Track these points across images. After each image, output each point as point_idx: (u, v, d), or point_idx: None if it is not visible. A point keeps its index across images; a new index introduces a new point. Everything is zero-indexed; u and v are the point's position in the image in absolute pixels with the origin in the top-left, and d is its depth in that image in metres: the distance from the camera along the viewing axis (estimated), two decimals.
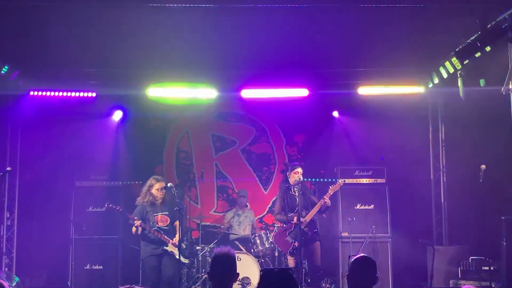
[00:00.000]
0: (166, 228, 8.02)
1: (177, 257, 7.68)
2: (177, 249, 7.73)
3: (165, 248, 7.94)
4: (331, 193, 8.19)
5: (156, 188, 8.01)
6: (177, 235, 7.93)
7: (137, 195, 8.23)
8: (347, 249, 9.17)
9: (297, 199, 8.11)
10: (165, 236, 7.94)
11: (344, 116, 10.37)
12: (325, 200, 8.08)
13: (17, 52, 8.16)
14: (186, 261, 8.31)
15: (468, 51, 6.94)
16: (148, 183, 8.08)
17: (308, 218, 8.07)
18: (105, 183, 9.59)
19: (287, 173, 8.40)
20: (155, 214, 7.97)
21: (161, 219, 8.01)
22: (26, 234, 9.60)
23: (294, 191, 8.24)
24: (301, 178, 8.19)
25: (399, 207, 9.62)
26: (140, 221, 7.81)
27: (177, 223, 8.06)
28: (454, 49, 7.27)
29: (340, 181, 8.49)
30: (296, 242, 8.02)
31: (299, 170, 8.28)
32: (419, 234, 9.29)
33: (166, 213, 8.07)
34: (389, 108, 9.67)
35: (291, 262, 8.23)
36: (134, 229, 7.82)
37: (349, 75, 9.45)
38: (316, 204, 8.15)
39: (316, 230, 8.31)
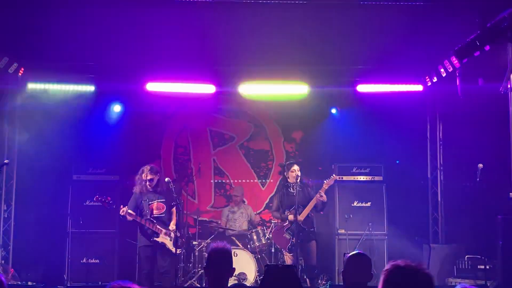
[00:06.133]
0: (162, 215, 7.92)
1: (168, 247, 7.72)
2: (169, 238, 7.75)
3: (155, 239, 7.78)
4: (326, 188, 8.11)
5: (143, 176, 7.94)
6: (173, 221, 7.95)
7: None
8: (344, 246, 9.19)
9: (295, 196, 8.02)
10: (158, 226, 7.79)
11: (342, 113, 10.35)
12: (321, 194, 7.96)
13: (15, 44, 8.14)
14: (173, 249, 7.85)
15: (467, 50, 6.93)
16: (140, 171, 8.05)
17: (302, 216, 7.96)
18: (102, 177, 9.59)
19: (285, 173, 8.34)
20: (150, 202, 7.87)
21: (157, 206, 7.91)
22: (23, 227, 9.57)
23: (293, 189, 8.12)
24: (299, 174, 8.09)
25: (396, 205, 9.61)
26: (126, 208, 7.67)
27: (173, 209, 8.02)
28: (453, 47, 7.27)
29: (333, 175, 8.39)
30: (294, 238, 7.96)
31: (296, 167, 8.18)
32: (415, 232, 9.32)
33: (163, 200, 7.97)
34: (387, 105, 9.68)
35: (288, 259, 8.19)
36: (128, 217, 7.70)
37: (348, 73, 9.45)
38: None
39: (313, 229, 8.21)
